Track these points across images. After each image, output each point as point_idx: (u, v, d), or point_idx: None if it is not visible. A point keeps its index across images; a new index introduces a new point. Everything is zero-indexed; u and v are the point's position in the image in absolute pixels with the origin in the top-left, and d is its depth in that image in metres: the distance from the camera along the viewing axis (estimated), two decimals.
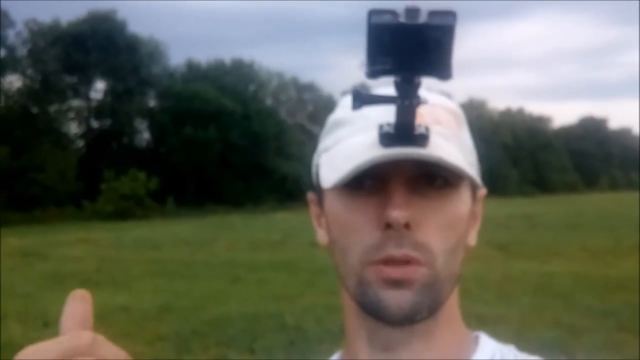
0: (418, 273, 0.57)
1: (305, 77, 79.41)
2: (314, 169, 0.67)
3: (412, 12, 0.45)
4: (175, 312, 7.35)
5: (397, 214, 0.55)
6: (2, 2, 33.30)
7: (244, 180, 37.32)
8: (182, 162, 35.90)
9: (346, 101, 0.64)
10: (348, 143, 0.60)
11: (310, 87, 48.01)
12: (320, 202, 0.66)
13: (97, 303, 0.45)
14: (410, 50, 0.46)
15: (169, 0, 71.95)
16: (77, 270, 11.07)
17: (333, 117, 0.66)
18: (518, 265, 10.77)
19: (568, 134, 70.24)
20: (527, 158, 60.96)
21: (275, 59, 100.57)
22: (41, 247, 14.98)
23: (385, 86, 0.53)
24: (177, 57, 51.99)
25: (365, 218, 0.58)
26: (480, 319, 6.36)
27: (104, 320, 6.88)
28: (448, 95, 0.51)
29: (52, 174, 31.04)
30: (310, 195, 0.69)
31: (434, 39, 0.46)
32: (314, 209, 0.69)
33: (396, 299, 0.56)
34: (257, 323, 6.54)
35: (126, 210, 29.84)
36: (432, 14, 0.45)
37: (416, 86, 0.49)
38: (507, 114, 65.58)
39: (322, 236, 0.67)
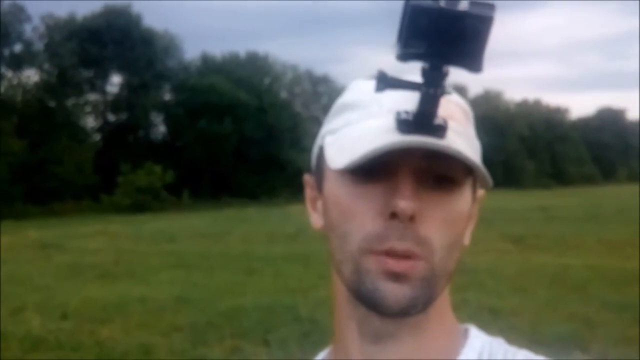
0: (418, 268, 0.56)
1: (319, 70, 79.55)
2: (315, 151, 0.65)
3: None
4: (191, 303, 7.42)
5: (404, 205, 0.54)
6: None
7: (259, 173, 37.45)
8: (197, 155, 36.11)
9: (357, 85, 0.64)
10: (360, 127, 0.58)
11: (324, 80, 48.03)
12: (319, 185, 0.64)
13: (114, 294, 0.47)
14: (446, 37, 0.46)
15: None
16: (95, 262, 11.20)
17: (342, 100, 0.64)
18: (534, 258, 10.70)
19: (585, 125, 69.43)
20: (544, 150, 60.39)
21: (290, 52, 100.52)
22: (59, 239, 15.16)
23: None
24: (192, 51, 52.36)
25: (369, 205, 0.57)
26: (494, 312, 6.34)
27: (122, 311, 6.98)
28: (464, 88, 0.51)
29: (69, 167, 31.43)
30: (307, 178, 0.67)
31: (472, 29, 0.45)
32: (309, 192, 0.67)
33: (394, 292, 0.55)
34: (271, 315, 6.58)
35: (143, 203, 30.13)
36: (473, 3, 0.45)
37: (444, 75, 0.49)
38: (524, 105, 64.95)
39: (316, 220, 0.66)
